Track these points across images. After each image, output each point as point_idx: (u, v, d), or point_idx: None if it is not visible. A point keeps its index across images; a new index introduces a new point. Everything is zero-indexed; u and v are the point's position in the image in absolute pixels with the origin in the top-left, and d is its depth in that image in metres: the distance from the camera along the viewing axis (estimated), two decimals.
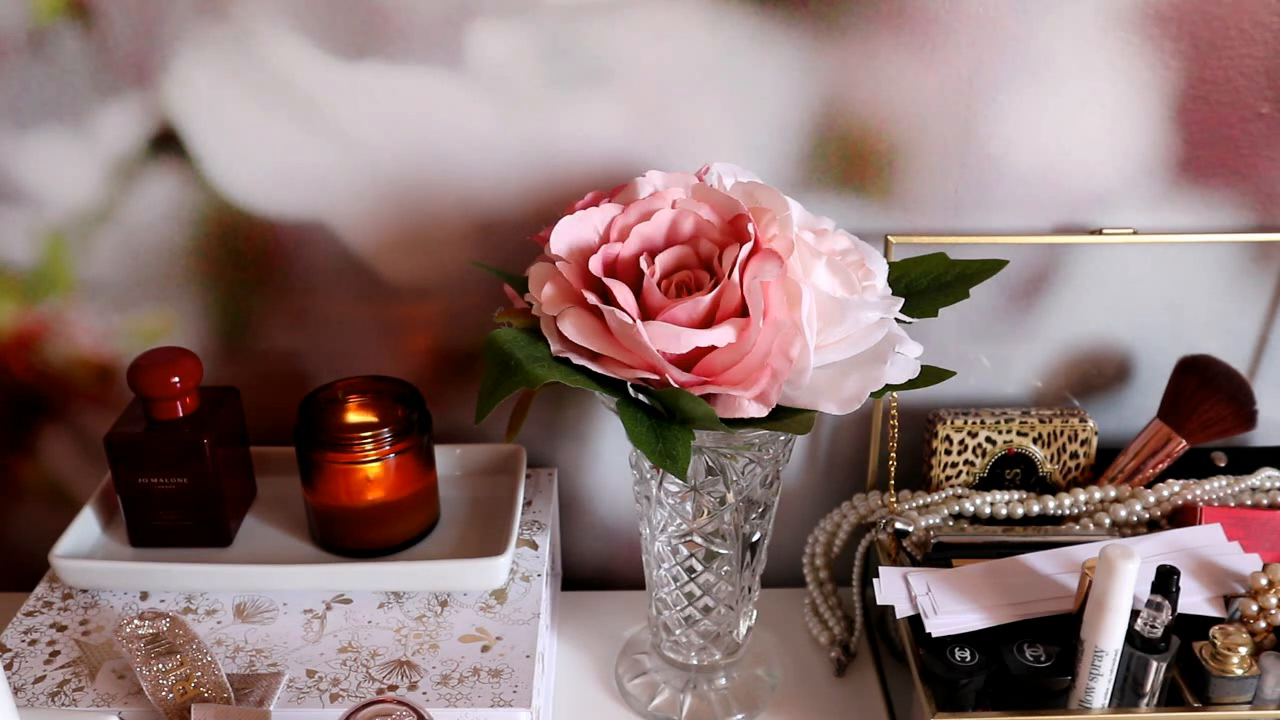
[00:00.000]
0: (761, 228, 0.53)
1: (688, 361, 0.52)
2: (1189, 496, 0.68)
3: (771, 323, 0.51)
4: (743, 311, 0.52)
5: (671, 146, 0.67)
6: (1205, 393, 0.69)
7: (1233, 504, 0.68)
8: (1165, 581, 0.56)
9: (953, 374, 0.54)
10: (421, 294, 0.71)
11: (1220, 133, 0.67)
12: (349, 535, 0.65)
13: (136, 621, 0.57)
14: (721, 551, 0.62)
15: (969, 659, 0.59)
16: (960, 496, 0.70)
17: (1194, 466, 0.71)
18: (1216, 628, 0.59)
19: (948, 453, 0.71)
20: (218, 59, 0.64)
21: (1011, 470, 0.72)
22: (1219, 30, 0.64)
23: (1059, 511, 0.69)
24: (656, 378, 0.52)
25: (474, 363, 0.74)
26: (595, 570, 0.81)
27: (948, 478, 0.72)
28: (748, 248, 0.52)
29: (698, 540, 0.62)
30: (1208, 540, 0.64)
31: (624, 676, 0.70)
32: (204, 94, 0.65)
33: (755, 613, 0.68)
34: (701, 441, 0.57)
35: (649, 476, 0.61)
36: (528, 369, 0.51)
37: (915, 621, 0.61)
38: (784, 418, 0.52)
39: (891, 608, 0.63)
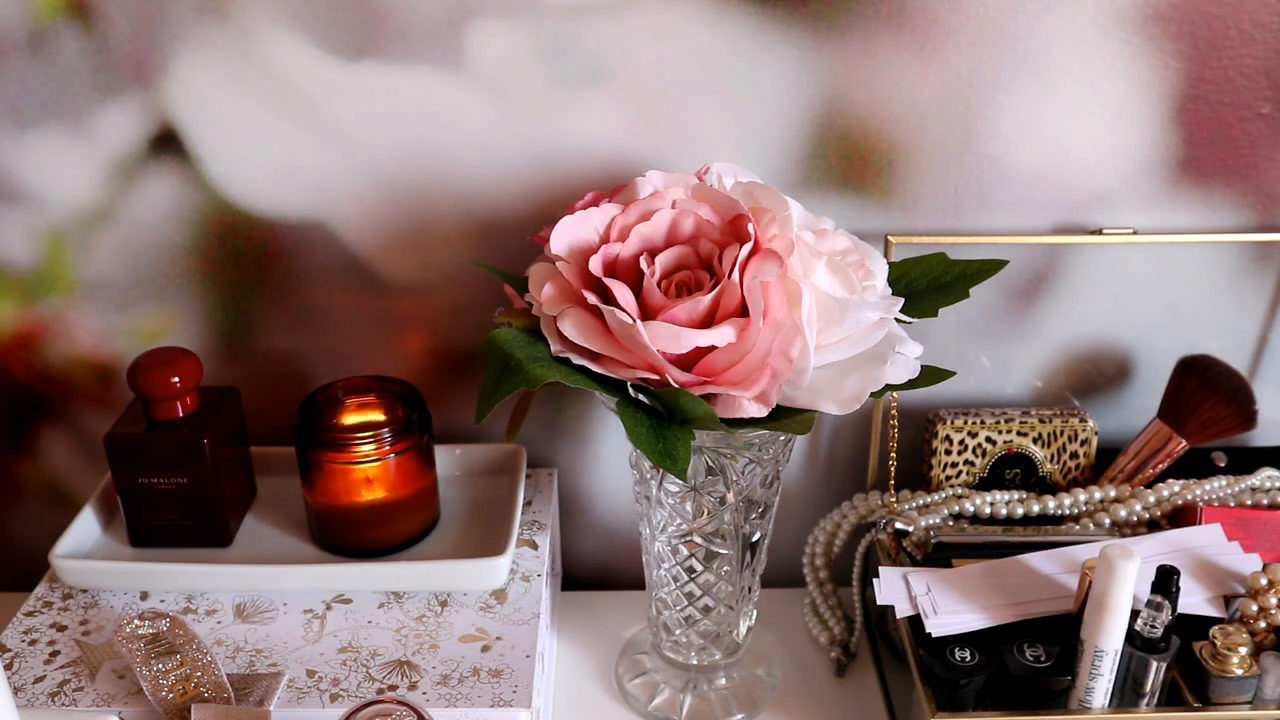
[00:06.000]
0: (761, 228, 0.53)
1: (688, 361, 0.52)
2: (1189, 496, 0.68)
3: (771, 323, 0.51)
4: (743, 311, 0.52)
5: (671, 146, 0.67)
6: (1205, 393, 0.69)
7: (1233, 504, 0.68)
8: (1165, 581, 0.56)
9: (953, 374, 0.54)
10: (421, 294, 0.71)
11: (1220, 133, 0.67)
12: (349, 535, 0.65)
13: (136, 621, 0.57)
14: (721, 551, 0.62)
15: (969, 659, 0.59)
16: (960, 496, 0.70)
17: (1194, 466, 0.71)
18: (1216, 628, 0.59)
19: (948, 453, 0.71)
20: (218, 59, 0.64)
21: (1011, 470, 0.72)
22: (1219, 30, 0.64)
23: (1059, 511, 0.69)
24: (656, 378, 0.52)
25: (474, 363, 0.74)
26: (595, 570, 0.81)
27: (948, 478, 0.72)
28: (748, 248, 0.52)
29: (698, 540, 0.62)
30: (1208, 540, 0.64)
31: (624, 676, 0.71)
32: (204, 94, 0.65)
33: (755, 613, 0.68)
34: (701, 441, 0.57)
35: (649, 476, 0.61)
36: (528, 369, 0.51)
37: (915, 621, 0.61)
38: (784, 418, 0.52)
39: (891, 608, 0.63)
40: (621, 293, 0.52)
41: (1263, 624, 0.60)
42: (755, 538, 0.63)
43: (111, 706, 0.56)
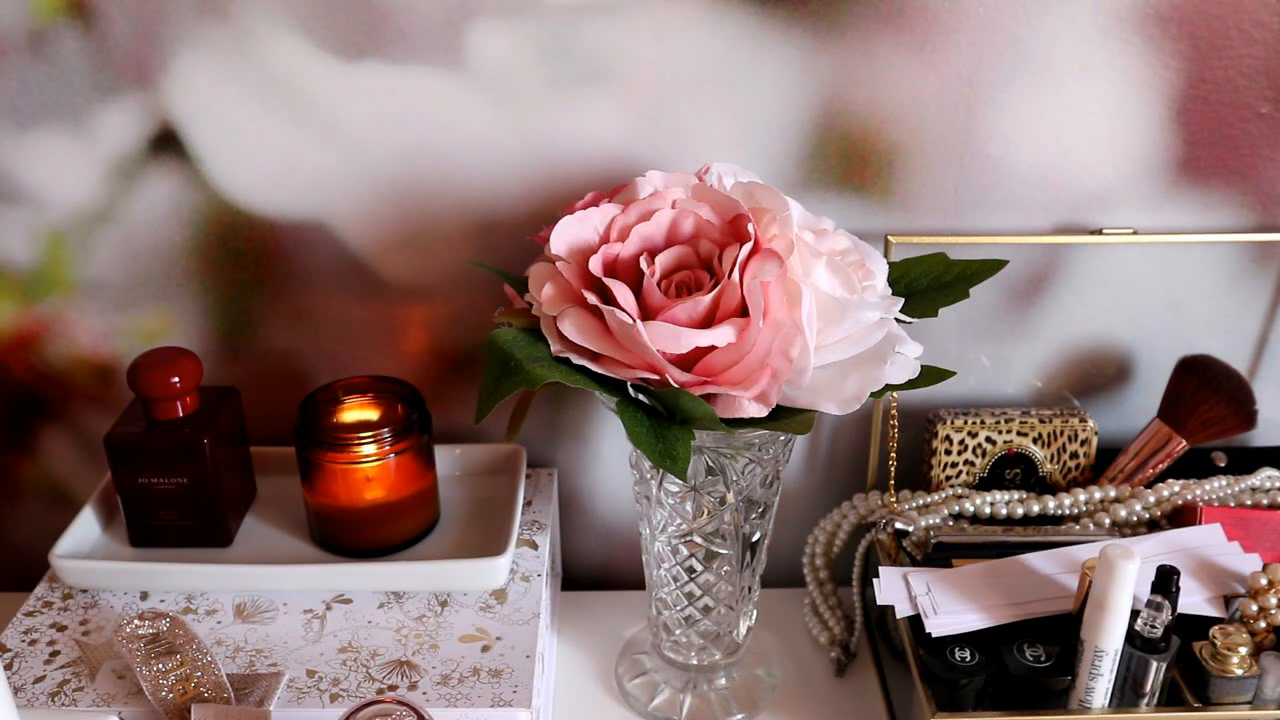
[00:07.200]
0: (761, 228, 0.53)
1: (688, 361, 0.52)
2: (1189, 496, 0.68)
3: (771, 323, 0.51)
4: (743, 311, 0.52)
5: (671, 146, 0.67)
6: (1205, 393, 0.69)
7: (1233, 504, 0.68)
8: (1165, 581, 0.56)
9: (953, 374, 0.54)
10: (421, 294, 0.71)
11: (1220, 133, 0.67)
12: (349, 535, 0.65)
13: (136, 621, 0.57)
14: (721, 551, 0.62)
15: (969, 659, 0.59)
16: (960, 496, 0.70)
17: (1194, 466, 0.71)
18: (1216, 628, 0.59)
19: (948, 453, 0.71)
20: (218, 59, 0.64)
21: (1011, 470, 0.72)
22: (1219, 30, 0.64)
23: (1059, 511, 0.69)
24: (656, 378, 0.52)
25: (474, 363, 0.74)
26: (595, 570, 0.81)
27: (948, 478, 0.72)
28: (748, 248, 0.52)
29: (698, 540, 0.62)
30: (1208, 540, 0.64)
31: (624, 676, 0.71)
32: (204, 94, 0.65)
33: (755, 613, 0.68)
34: (701, 441, 0.57)
35: (649, 476, 0.61)
36: (528, 369, 0.51)
37: (915, 621, 0.61)
38: (784, 418, 0.52)
39: (891, 608, 0.63)
40: (621, 293, 0.52)
41: (1263, 624, 0.60)
42: (755, 538, 0.63)
43: (111, 706, 0.56)
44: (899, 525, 0.67)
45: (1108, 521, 0.68)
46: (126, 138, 0.66)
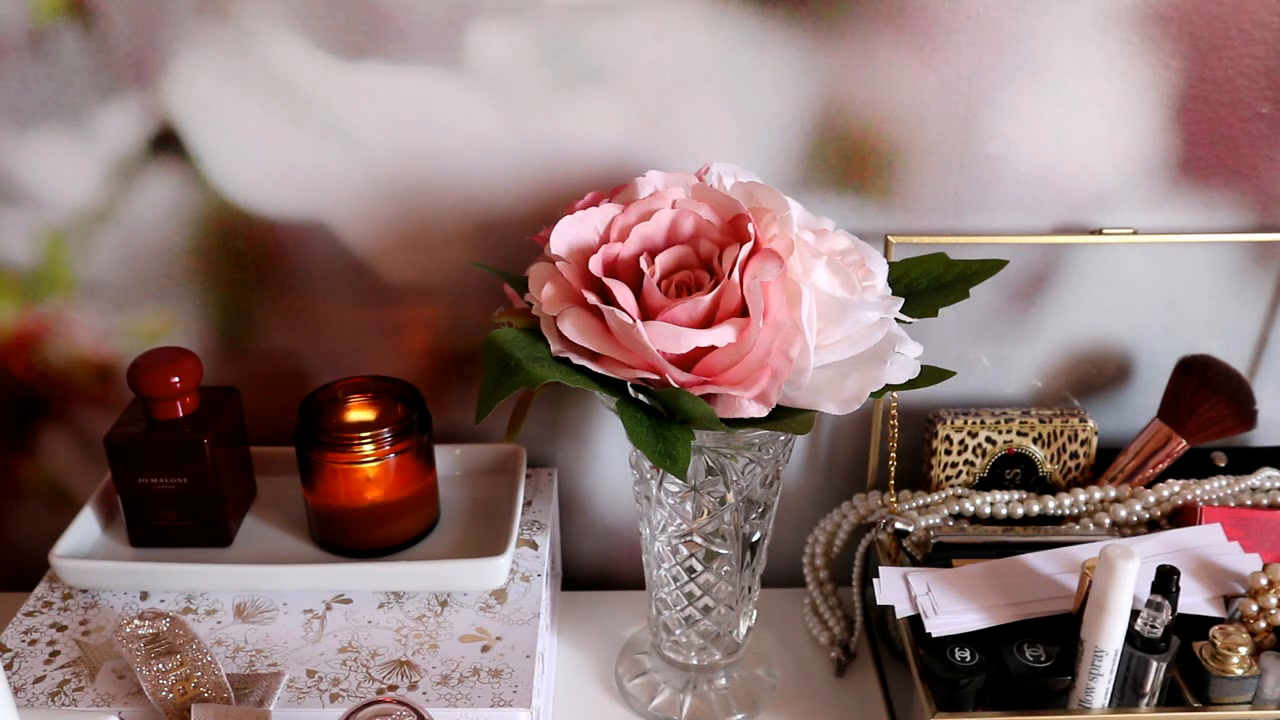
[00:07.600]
0: (761, 228, 0.53)
1: (688, 361, 0.52)
2: (1189, 496, 0.68)
3: (771, 323, 0.51)
4: (743, 311, 0.52)
5: (671, 146, 0.67)
6: (1205, 393, 0.69)
7: (1233, 504, 0.68)
8: (1165, 581, 0.56)
9: (953, 374, 0.54)
10: (421, 294, 0.71)
11: (1220, 133, 0.67)
12: (349, 535, 0.65)
13: (136, 621, 0.57)
14: (721, 551, 0.62)
15: (969, 659, 0.59)
16: (960, 496, 0.70)
17: (1194, 466, 0.71)
18: (1216, 628, 0.59)
19: (948, 453, 0.71)
20: (218, 59, 0.64)
21: (1011, 470, 0.72)
22: (1219, 30, 0.64)
23: (1059, 511, 0.69)
24: (656, 378, 0.52)
25: (474, 363, 0.74)
26: (595, 570, 0.81)
27: (948, 478, 0.72)
28: (748, 248, 0.52)
29: (698, 540, 0.62)
30: (1208, 540, 0.64)
31: (624, 676, 0.71)
32: (204, 94, 0.65)
33: (755, 613, 0.68)
34: (701, 441, 0.57)
35: (649, 476, 0.61)
36: (528, 369, 0.51)
37: (915, 621, 0.61)
38: (784, 418, 0.52)
39: (891, 608, 0.63)
40: (621, 293, 0.52)
41: (1263, 624, 0.60)
42: (755, 538, 0.63)
43: (111, 706, 0.56)
44: (899, 525, 0.67)
45: (1108, 521, 0.68)
46: (126, 138, 0.66)
